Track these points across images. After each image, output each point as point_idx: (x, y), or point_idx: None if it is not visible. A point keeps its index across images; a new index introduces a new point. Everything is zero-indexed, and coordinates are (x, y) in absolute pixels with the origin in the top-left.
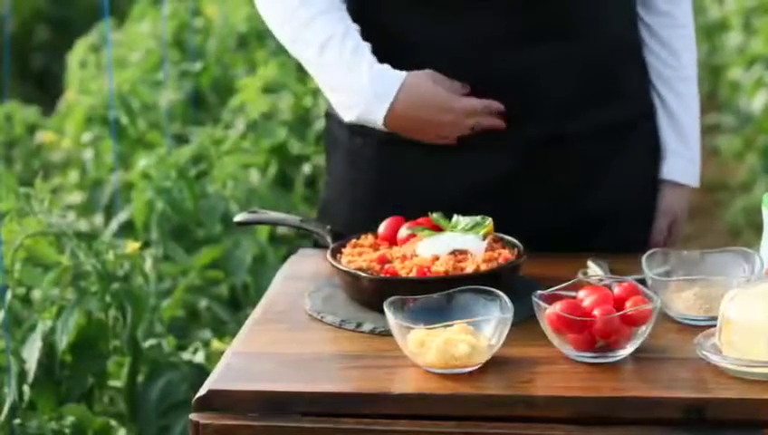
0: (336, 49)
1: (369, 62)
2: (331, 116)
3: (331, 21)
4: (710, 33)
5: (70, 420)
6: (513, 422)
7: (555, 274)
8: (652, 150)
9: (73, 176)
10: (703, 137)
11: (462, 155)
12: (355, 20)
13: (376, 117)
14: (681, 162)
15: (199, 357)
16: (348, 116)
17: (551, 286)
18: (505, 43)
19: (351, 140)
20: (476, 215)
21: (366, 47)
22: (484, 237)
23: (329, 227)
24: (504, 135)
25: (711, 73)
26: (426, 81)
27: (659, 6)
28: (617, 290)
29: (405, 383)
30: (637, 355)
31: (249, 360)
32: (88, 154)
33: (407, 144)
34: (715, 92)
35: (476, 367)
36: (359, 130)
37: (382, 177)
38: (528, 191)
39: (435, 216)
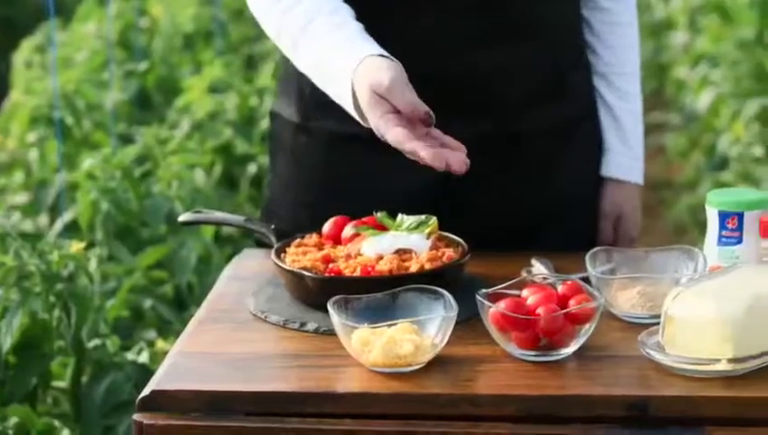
0: (323, 22)
1: (350, 33)
2: (275, 115)
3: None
4: (656, 31)
5: (13, 421)
6: (457, 421)
7: (500, 272)
8: (597, 148)
9: (18, 176)
10: (648, 135)
11: (403, 155)
12: None
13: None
14: (621, 159)
15: (144, 357)
16: (332, 91)
17: (495, 285)
18: (460, 45)
19: (296, 138)
20: (426, 214)
21: (354, 24)
22: (429, 236)
23: (273, 226)
24: (456, 134)
25: (657, 72)
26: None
27: (600, 2)
28: (561, 288)
29: (349, 382)
30: (580, 353)
31: (193, 360)
32: (33, 154)
33: (353, 142)
34: (660, 91)
35: (420, 366)
36: (305, 129)
37: (327, 176)
38: (478, 189)
39: (379, 215)
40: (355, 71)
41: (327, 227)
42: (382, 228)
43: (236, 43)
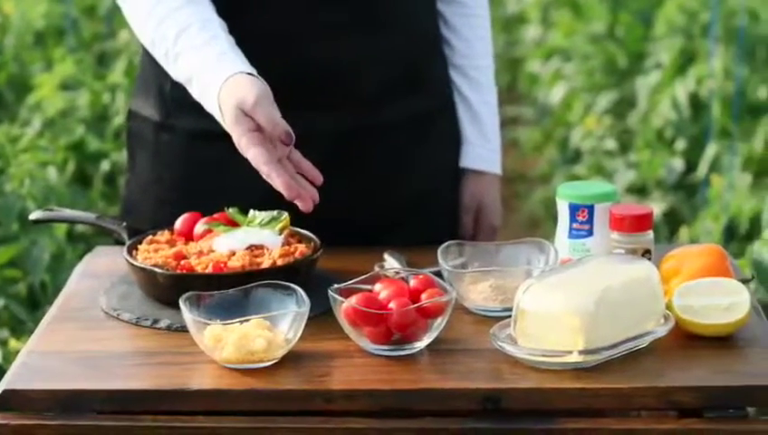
0: (191, 37)
1: (220, 48)
2: (134, 113)
3: (190, 13)
4: (508, 26)
5: None
6: (310, 416)
7: (353, 267)
8: (454, 141)
9: None
10: (502, 129)
11: None
12: None
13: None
14: (480, 150)
15: None
16: (206, 106)
17: (348, 280)
18: (316, 35)
19: (158, 137)
20: (288, 210)
21: (225, 38)
22: (281, 232)
23: (125, 223)
24: (313, 128)
25: (510, 66)
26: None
27: None
28: (413, 282)
29: (202, 379)
30: (433, 347)
31: (45, 359)
32: None
33: (215, 140)
34: (514, 85)
35: (273, 362)
36: (167, 127)
37: (189, 174)
38: (338, 184)
39: (231, 211)
40: (221, 87)
41: (179, 223)
42: (234, 224)
43: (88, 40)
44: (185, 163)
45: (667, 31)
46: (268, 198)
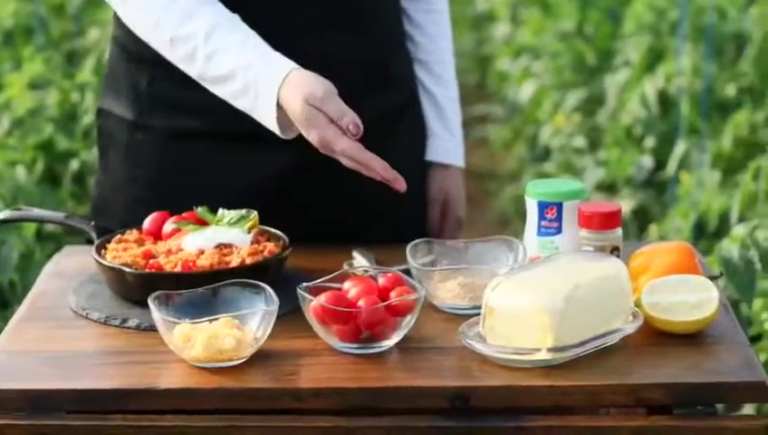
0: (225, 36)
1: (259, 46)
2: (106, 112)
3: (212, 12)
4: (478, 24)
5: None
6: (279, 415)
7: (322, 266)
8: (421, 135)
9: None
10: (472, 127)
11: (246, 150)
12: None
13: (271, 93)
14: (445, 144)
15: None
16: (243, 103)
17: (317, 278)
18: (290, 35)
19: (132, 136)
20: (263, 209)
21: (256, 36)
22: (250, 231)
23: (93, 223)
24: None
25: (479, 64)
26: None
27: None
28: (381, 281)
29: (171, 378)
30: (402, 345)
31: (14, 358)
32: None
33: (191, 139)
34: (483, 83)
35: (242, 360)
36: (141, 126)
37: (164, 174)
38: (309, 181)
39: (200, 210)
40: (282, 84)
41: (147, 222)
42: (202, 223)
43: (57, 39)
44: (160, 163)
45: (636, 29)
46: (244, 198)
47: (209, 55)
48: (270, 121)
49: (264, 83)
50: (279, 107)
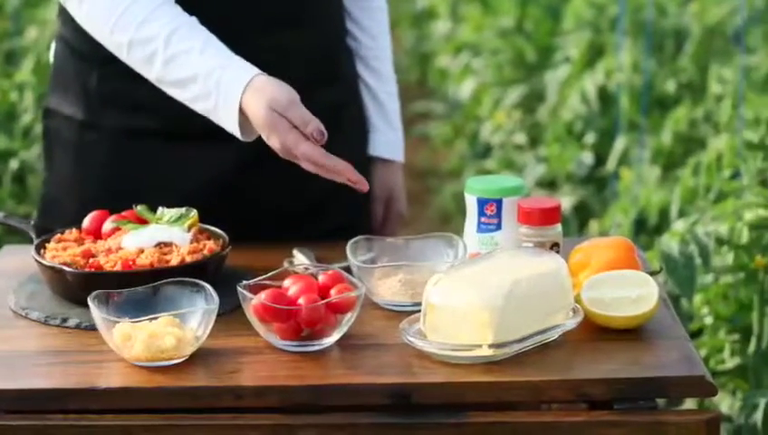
0: (185, 40)
1: (221, 50)
2: (53, 112)
3: (171, 15)
4: (418, 21)
5: None
6: (220, 413)
7: (262, 263)
8: (363, 131)
9: None
10: (413, 124)
11: (198, 147)
12: None
13: (234, 97)
14: (386, 137)
15: None
16: (203, 106)
17: (257, 276)
18: (240, 32)
19: (81, 135)
20: (210, 207)
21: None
22: (190, 229)
23: (32, 222)
24: None
25: (420, 61)
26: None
27: None
28: (322, 278)
29: (111, 378)
30: (343, 343)
31: None
32: None
33: (143, 138)
34: (424, 80)
35: (183, 359)
36: (91, 125)
37: (115, 173)
38: (255, 176)
39: (139, 208)
40: (245, 89)
41: (87, 221)
42: (143, 222)
43: None
44: (111, 162)
45: (576, 25)
46: (196, 195)
47: (169, 59)
48: (231, 125)
49: (227, 88)
50: (241, 111)
